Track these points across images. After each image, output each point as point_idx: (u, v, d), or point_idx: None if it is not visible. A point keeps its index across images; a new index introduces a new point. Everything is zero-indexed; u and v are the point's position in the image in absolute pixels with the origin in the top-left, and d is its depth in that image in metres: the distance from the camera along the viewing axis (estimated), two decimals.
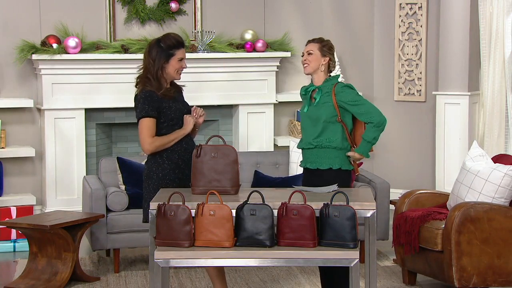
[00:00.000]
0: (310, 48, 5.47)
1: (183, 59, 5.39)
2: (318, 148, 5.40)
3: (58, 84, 8.22)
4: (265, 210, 4.59)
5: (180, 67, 5.37)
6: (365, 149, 5.39)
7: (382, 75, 9.24)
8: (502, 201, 5.91)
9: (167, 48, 5.35)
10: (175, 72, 5.37)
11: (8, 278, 6.67)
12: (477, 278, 5.80)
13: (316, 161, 5.41)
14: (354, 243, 4.55)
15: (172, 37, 5.40)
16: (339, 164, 5.39)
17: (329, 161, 5.39)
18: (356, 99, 5.38)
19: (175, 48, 5.35)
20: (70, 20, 8.35)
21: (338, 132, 5.39)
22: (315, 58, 5.44)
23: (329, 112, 5.37)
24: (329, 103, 5.38)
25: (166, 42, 5.38)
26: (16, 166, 8.29)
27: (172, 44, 5.36)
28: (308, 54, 5.46)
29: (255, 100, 8.72)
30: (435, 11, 8.79)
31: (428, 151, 8.94)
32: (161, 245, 4.62)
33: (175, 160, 5.36)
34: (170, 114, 5.36)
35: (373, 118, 5.35)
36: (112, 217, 6.72)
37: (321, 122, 5.37)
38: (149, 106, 5.34)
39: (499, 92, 8.37)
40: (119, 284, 6.44)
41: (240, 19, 8.89)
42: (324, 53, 5.46)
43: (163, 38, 5.42)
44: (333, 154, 5.39)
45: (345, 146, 5.41)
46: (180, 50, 5.37)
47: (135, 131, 8.84)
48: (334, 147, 5.38)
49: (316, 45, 5.47)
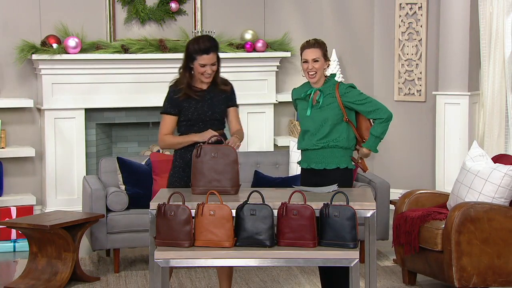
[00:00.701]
0: (316, 55, 5.37)
1: (206, 65, 5.34)
2: (324, 148, 5.40)
3: (58, 84, 8.22)
4: (265, 210, 4.59)
5: (203, 71, 5.35)
6: (374, 144, 5.43)
7: (382, 75, 9.24)
8: (502, 201, 5.91)
9: (192, 52, 5.36)
10: (199, 75, 5.38)
11: (8, 278, 6.67)
12: (477, 278, 5.80)
13: (323, 161, 5.41)
14: (354, 243, 4.55)
15: (198, 42, 5.36)
16: (345, 163, 5.41)
17: (336, 160, 5.39)
18: (362, 98, 5.42)
19: (196, 54, 5.34)
20: (70, 20, 8.35)
21: (344, 131, 5.40)
22: (321, 65, 5.39)
23: (336, 113, 5.37)
24: (334, 104, 5.38)
25: (193, 45, 5.37)
26: (16, 166, 8.29)
27: (194, 50, 5.34)
28: (314, 62, 5.37)
29: (255, 100, 8.72)
30: (435, 11, 8.79)
31: (428, 151, 8.94)
32: (161, 245, 4.62)
33: (187, 159, 5.39)
34: (187, 115, 5.40)
35: (382, 114, 5.39)
36: (112, 217, 6.72)
37: (328, 123, 5.37)
38: (169, 103, 5.43)
39: (499, 92, 8.37)
40: (119, 284, 6.44)
41: (240, 19, 8.89)
42: (326, 58, 5.43)
43: (192, 40, 5.42)
44: (340, 153, 5.40)
45: (350, 145, 5.44)
46: (202, 57, 5.32)
47: (135, 131, 8.86)
48: (341, 146, 5.39)
49: (319, 51, 5.39)
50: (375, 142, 5.43)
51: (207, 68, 5.35)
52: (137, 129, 8.85)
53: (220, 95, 5.45)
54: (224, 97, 5.47)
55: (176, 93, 5.40)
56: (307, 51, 5.39)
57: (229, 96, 5.49)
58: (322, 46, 5.42)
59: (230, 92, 5.50)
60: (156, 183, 6.94)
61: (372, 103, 5.42)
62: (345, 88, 5.41)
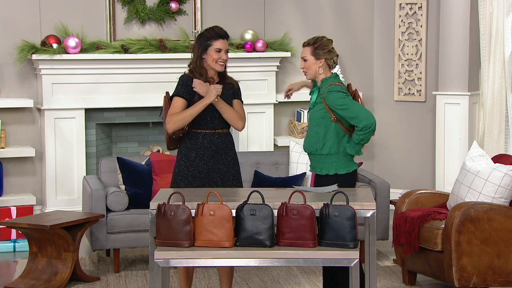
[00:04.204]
0: (304, 54, 5.41)
1: (221, 50, 5.38)
2: (315, 155, 5.40)
3: (58, 84, 8.22)
4: (265, 210, 4.59)
5: (218, 57, 5.38)
6: (355, 149, 5.36)
7: (382, 75, 9.24)
8: (502, 201, 5.91)
9: (205, 39, 5.39)
10: (213, 63, 5.38)
11: (8, 278, 6.67)
12: (477, 278, 5.80)
13: (316, 167, 5.43)
14: (354, 243, 4.55)
15: (212, 29, 5.45)
16: (334, 170, 5.38)
17: (327, 166, 5.37)
18: (343, 103, 5.28)
19: (212, 39, 5.38)
20: (70, 20, 8.35)
21: (332, 136, 5.35)
22: (310, 63, 5.39)
23: (322, 115, 5.34)
24: (322, 104, 5.36)
25: (205, 33, 5.43)
26: (16, 166, 8.29)
27: (210, 35, 5.39)
28: (304, 60, 5.40)
29: (255, 100, 8.71)
30: (435, 11, 8.79)
31: (428, 151, 8.94)
32: (161, 245, 4.62)
33: (191, 158, 5.38)
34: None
35: (360, 123, 5.25)
36: (112, 217, 6.72)
37: (319, 124, 5.35)
38: (181, 87, 5.39)
39: (499, 92, 8.37)
40: (119, 284, 6.44)
41: (240, 19, 8.89)
42: (317, 56, 5.38)
43: (204, 30, 5.48)
44: (331, 159, 5.37)
45: (341, 150, 5.38)
46: (217, 41, 5.38)
47: (135, 131, 8.86)
48: (326, 153, 5.36)
49: (309, 49, 5.39)
50: (356, 147, 5.35)
51: (222, 53, 5.38)
52: (137, 129, 8.85)
53: (229, 90, 5.48)
54: (232, 92, 5.50)
55: (189, 80, 5.38)
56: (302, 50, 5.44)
57: (235, 92, 5.52)
58: (314, 44, 5.39)
59: (237, 88, 5.54)
60: (156, 183, 6.94)
61: (351, 110, 5.27)
62: (327, 92, 5.32)
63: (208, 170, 5.39)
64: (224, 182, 5.42)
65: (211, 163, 5.40)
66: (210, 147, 5.40)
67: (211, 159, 5.39)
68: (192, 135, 5.42)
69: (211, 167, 5.40)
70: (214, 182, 5.40)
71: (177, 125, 5.34)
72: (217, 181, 5.41)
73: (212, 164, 5.40)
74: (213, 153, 5.40)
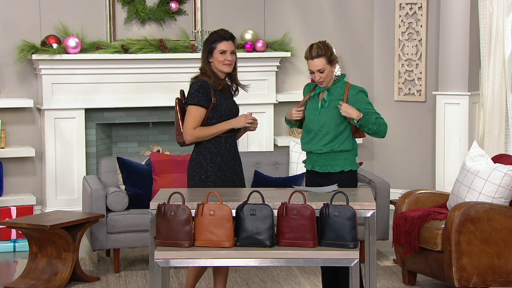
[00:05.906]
0: (320, 66, 5.30)
1: (226, 51, 5.36)
2: (330, 153, 5.38)
3: (58, 84, 8.22)
4: (265, 210, 4.59)
5: (224, 59, 5.37)
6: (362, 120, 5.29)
7: (382, 75, 9.24)
8: (502, 201, 5.91)
9: (210, 43, 5.40)
10: (220, 64, 5.38)
11: (8, 278, 6.67)
12: (477, 278, 5.80)
13: (327, 165, 5.40)
14: (354, 243, 4.55)
15: (216, 32, 5.45)
16: (350, 166, 5.41)
17: (341, 163, 5.38)
18: (368, 108, 5.33)
19: (216, 42, 5.37)
20: (70, 20, 8.35)
21: (348, 133, 5.39)
22: (327, 72, 5.34)
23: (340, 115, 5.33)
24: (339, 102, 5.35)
25: (210, 37, 5.43)
26: (16, 166, 8.29)
27: (214, 38, 5.40)
28: (320, 72, 5.32)
29: (255, 100, 8.71)
30: (435, 11, 8.79)
31: (428, 151, 8.94)
32: (161, 245, 4.62)
33: (218, 163, 5.38)
34: (220, 111, 5.38)
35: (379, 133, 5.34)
36: (112, 217, 6.72)
37: (332, 125, 5.34)
38: (202, 95, 5.33)
39: (499, 92, 8.37)
40: (119, 284, 6.44)
41: (240, 19, 8.89)
42: (332, 62, 5.36)
43: (209, 34, 5.48)
44: (344, 156, 5.39)
45: (355, 147, 5.44)
46: (221, 43, 5.37)
47: (135, 131, 8.85)
48: (346, 150, 5.37)
49: (323, 60, 5.30)
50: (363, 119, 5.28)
51: (227, 55, 5.37)
52: (137, 129, 8.85)
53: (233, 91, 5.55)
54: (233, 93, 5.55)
55: (208, 87, 5.34)
56: (311, 62, 5.33)
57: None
58: (326, 52, 5.32)
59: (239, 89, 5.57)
60: (156, 183, 6.94)
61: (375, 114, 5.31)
62: (356, 93, 5.36)
63: (231, 173, 5.43)
64: (241, 183, 5.48)
65: (232, 165, 5.44)
66: (231, 150, 5.44)
67: (231, 162, 5.44)
68: (216, 139, 5.40)
69: (232, 169, 5.44)
70: (235, 184, 5.44)
71: (197, 140, 5.37)
72: (236, 182, 5.45)
73: (233, 167, 5.45)
74: (232, 155, 5.44)
